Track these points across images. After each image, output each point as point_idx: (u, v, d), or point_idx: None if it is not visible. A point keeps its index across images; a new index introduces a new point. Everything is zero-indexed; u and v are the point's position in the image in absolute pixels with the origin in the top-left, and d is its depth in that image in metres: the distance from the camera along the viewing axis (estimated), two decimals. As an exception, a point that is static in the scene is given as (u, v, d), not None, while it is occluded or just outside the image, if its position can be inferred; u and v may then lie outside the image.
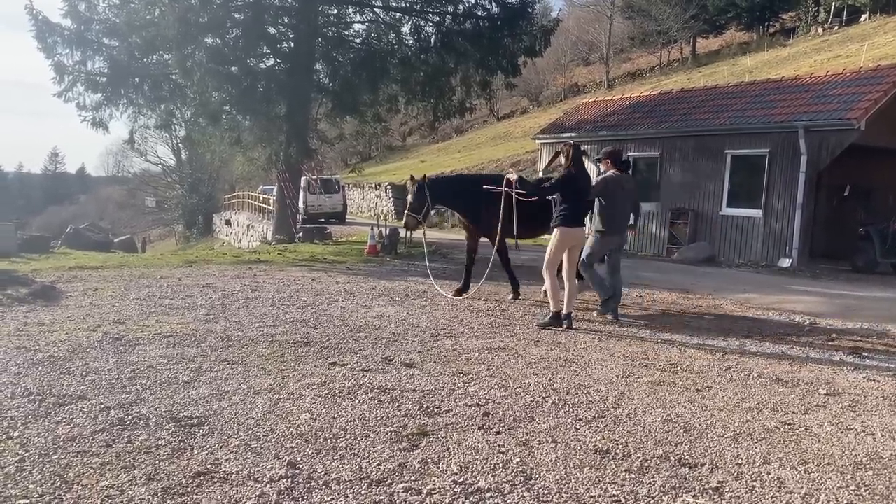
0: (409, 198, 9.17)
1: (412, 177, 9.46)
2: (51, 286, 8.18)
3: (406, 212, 9.23)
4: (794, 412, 4.70)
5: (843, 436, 4.27)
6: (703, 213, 17.38)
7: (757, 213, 16.21)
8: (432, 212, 10.01)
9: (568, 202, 7.49)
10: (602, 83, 52.48)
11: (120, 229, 52.91)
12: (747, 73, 34.09)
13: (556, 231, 7.51)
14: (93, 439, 3.62)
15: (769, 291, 11.08)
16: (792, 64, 36.15)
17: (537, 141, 23.75)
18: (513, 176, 8.63)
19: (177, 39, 15.57)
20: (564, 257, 7.57)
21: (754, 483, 3.50)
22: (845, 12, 45.94)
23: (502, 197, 8.41)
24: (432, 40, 18.78)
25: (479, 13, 18.79)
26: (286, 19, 18.72)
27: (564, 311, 7.34)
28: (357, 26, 20.23)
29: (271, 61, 19.25)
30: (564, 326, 7.24)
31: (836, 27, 45.38)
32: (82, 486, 3.11)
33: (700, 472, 3.59)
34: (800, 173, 15.20)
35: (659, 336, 7.16)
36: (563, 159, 7.73)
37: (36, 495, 2.99)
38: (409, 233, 16.87)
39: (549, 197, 7.95)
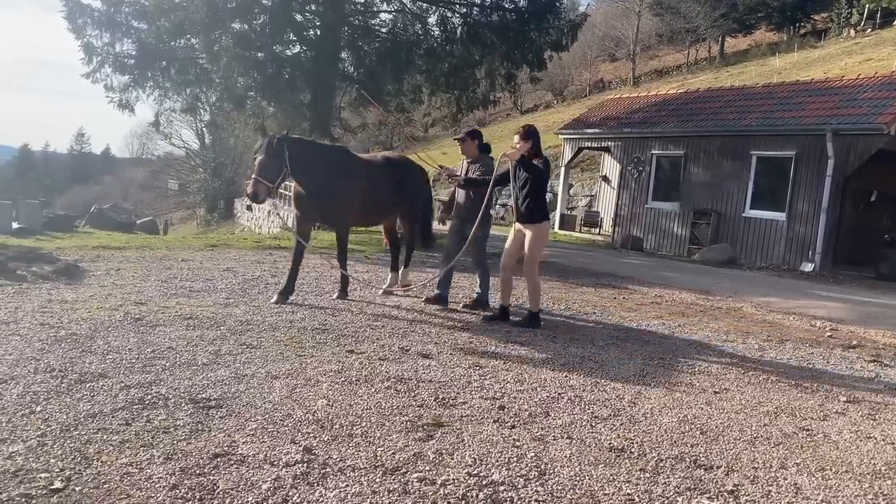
0: (260, 158, 6.94)
1: (265, 130, 7.55)
2: (74, 265, 8.28)
3: (254, 177, 6.91)
4: (812, 418, 4.66)
5: (862, 444, 4.22)
6: (725, 214, 17.24)
7: (781, 215, 16.05)
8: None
9: (543, 193, 6.86)
10: (628, 80, 52.08)
11: (143, 211, 53.49)
12: (776, 74, 33.67)
13: (541, 225, 6.83)
14: (113, 417, 3.67)
15: (790, 295, 10.98)
16: (822, 66, 35.64)
17: (560, 136, 23.65)
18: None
19: (204, 24, 15.69)
20: (511, 250, 6.97)
21: (770, 487, 3.47)
22: (879, 15, 45.16)
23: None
24: (458, 32, 18.74)
25: (507, 5, 18.72)
26: (313, 6, 18.76)
27: (536, 308, 6.96)
28: (384, 16, 20.29)
29: (297, 48, 19.33)
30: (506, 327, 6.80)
31: (869, 30, 44.65)
32: (102, 462, 3.15)
33: (716, 475, 3.57)
34: (826, 177, 15.03)
35: (676, 336, 7.12)
36: (525, 145, 6.68)
37: (57, 469, 3.04)
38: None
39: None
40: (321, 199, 7.41)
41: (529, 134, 6.77)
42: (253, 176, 6.99)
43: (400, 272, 8.51)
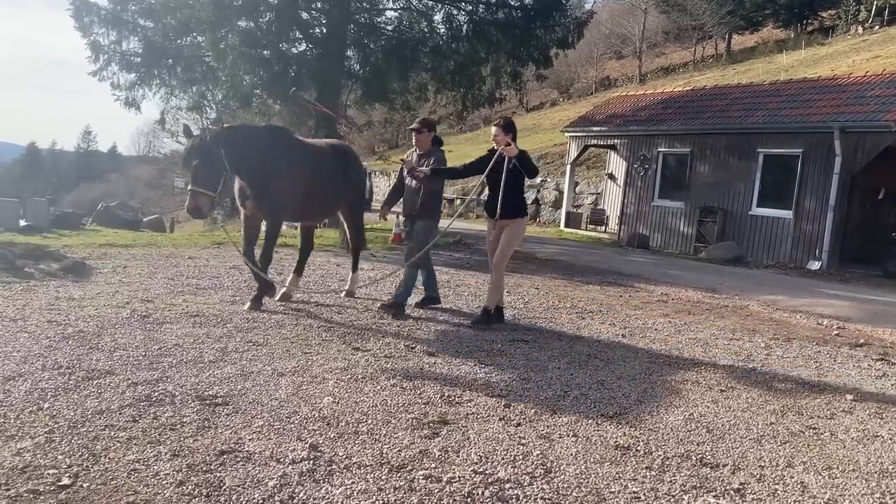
0: (195, 163, 5.97)
1: (186, 126, 6.39)
2: (81, 262, 8.31)
3: (191, 187, 6.00)
4: (819, 416, 4.64)
5: (869, 442, 4.21)
6: (732, 212, 17.20)
7: (787, 213, 16.01)
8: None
9: (524, 188, 6.70)
10: (634, 77, 51.92)
11: (149, 209, 53.41)
12: (783, 72, 33.54)
13: (522, 220, 6.68)
14: (120, 414, 3.69)
15: (797, 294, 10.95)
16: (829, 63, 35.44)
17: (566, 134, 23.62)
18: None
19: (210, 22, 15.74)
20: (490, 250, 6.72)
21: (777, 486, 3.46)
22: (887, 12, 44.88)
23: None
24: (464, 29, 18.75)
25: (513, 3, 18.72)
26: (319, 4, 18.79)
27: (492, 306, 6.74)
28: (389, 13, 20.30)
29: (303, 46, 19.37)
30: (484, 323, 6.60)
31: (877, 27, 44.38)
32: (109, 458, 3.17)
33: (722, 473, 3.57)
34: (833, 175, 14.99)
35: (683, 335, 7.11)
36: (504, 135, 6.38)
37: (64, 466, 3.06)
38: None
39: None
40: (258, 188, 6.48)
41: (510, 126, 6.52)
42: (189, 187, 5.97)
43: (349, 277, 7.93)
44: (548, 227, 24.29)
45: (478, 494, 3.10)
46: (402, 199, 7.21)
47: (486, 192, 6.82)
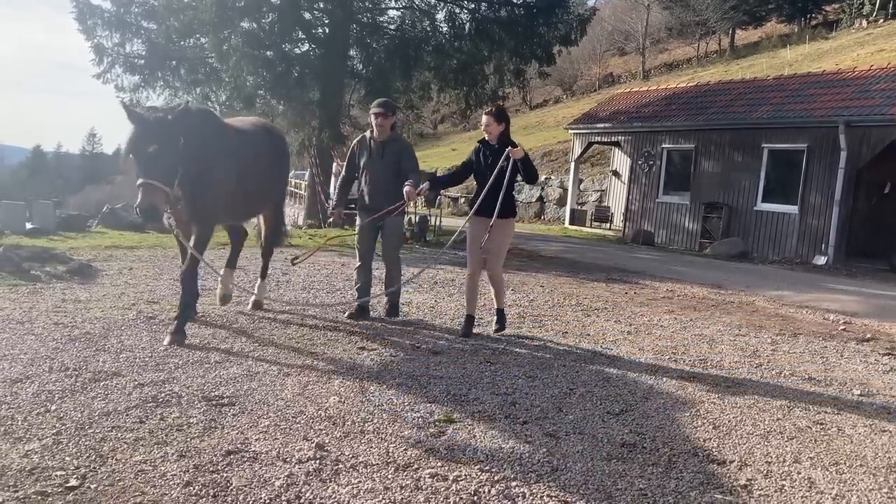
0: (151, 149, 4.66)
1: (125, 105, 4.87)
2: (87, 264, 8.33)
3: (143, 180, 4.60)
4: (826, 412, 4.63)
5: (876, 437, 4.20)
6: (737, 207, 17.15)
7: (793, 209, 15.95)
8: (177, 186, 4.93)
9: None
10: (637, 74, 51.79)
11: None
12: (787, 66, 33.39)
13: (513, 219, 6.24)
14: (127, 415, 3.70)
15: (803, 289, 10.91)
16: (834, 57, 35.30)
17: (570, 131, 23.58)
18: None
19: (213, 23, 15.77)
20: (474, 250, 6.15)
21: (784, 482, 3.46)
22: (891, 5, 44.66)
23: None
24: (467, 28, 18.73)
25: (515, 0, 18.67)
26: (322, 4, 18.79)
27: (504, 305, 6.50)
28: (392, 12, 20.29)
29: (306, 46, 19.39)
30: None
31: (882, 20, 44.15)
32: (116, 459, 3.18)
33: (729, 469, 3.56)
34: (838, 169, 14.92)
35: (689, 331, 7.09)
36: (497, 125, 5.94)
37: (72, 467, 3.07)
38: (435, 219, 16.49)
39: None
40: (190, 185, 5.09)
41: (502, 115, 6.03)
42: (140, 180, 4.59)
43: (257, 284, 6.91)
44: (552, 225, 24.26)
45: (484, 493, 3.10)
46: (363, 193, 6.59)
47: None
